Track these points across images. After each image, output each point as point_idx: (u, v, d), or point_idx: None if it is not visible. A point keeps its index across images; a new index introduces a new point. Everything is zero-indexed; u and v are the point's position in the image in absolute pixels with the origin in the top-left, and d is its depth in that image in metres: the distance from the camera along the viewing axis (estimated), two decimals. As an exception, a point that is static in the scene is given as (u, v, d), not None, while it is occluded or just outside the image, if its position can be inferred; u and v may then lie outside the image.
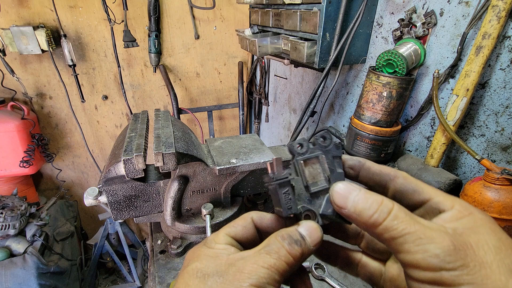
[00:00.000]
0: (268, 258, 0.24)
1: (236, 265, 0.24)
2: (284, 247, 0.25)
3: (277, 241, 0.25)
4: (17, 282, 1.39)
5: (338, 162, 0.30)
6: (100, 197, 0.75)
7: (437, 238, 0.20)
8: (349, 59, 1.18)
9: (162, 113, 0.93)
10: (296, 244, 0.26)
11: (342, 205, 0.25)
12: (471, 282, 0.19)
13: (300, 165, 0.29)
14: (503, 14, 0.72)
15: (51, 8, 1.73)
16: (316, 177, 0.29)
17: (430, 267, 0.20)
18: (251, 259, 0.24)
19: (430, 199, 0.25)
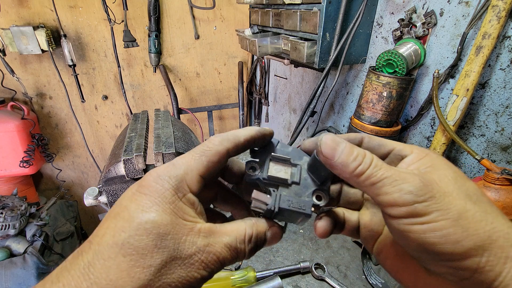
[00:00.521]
0: (227, 254, 0.25)
1: (198, 247, 0.24)
2: (245, 250, 0.27)
3: (245, 243, 0.27)
4: (17, 282, 1.39)
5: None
6: (100, 197, 0.75)
7: (409, 178, 0.23)
8: (349, 59, 1.18)
9: (162, 113, 0.93)
10: (255, 249, 0.28)
11: (330, 156, 0.26)
12: (439, 209, 0.22)
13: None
14: (503, 14, 0.72)
15: (51, 8, 1.73)
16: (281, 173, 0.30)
17: (405, 203, 0.23)
18: (213, 249, 0.24)
19: (393, 149, 0.28)
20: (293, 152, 0.32)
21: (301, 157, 0.31)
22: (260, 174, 0.29)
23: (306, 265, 0.74)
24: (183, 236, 0.23)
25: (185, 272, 0.22)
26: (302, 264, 0.74)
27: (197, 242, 0.23)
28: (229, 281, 0.72)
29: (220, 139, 0.27)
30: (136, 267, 0.20)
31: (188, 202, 0.25)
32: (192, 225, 0.24)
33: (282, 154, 0.31)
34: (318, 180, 0.30)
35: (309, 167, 0.31)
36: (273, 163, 0.30)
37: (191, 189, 0.25)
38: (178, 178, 0.24)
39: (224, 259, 0.25)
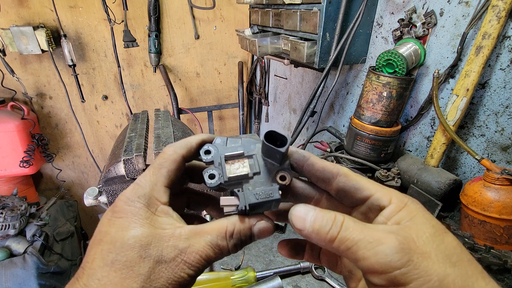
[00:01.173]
0: (210, 252, 0.26)
1: (181, 249, 0.25)
2: (228, 247, 0.27)
3: (227, 239, 0.27)
4: (17, 282, 1.38)
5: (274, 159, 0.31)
6: (100, 197, 0.75)
7: (384, 238, 0.22)
8: (349, 59, 1.18)
9: (162, 113, 0.93)
10: (241, 244, 0.28)
11: (302, 227, 0.26)
12: (418, 276, 0.21)
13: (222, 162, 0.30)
14: (503, 14, 0.72)
15: (51, 8, 1.73)
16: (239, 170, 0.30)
17: (383, 269, 0.21)
18: (195, 248, 0.25)
19: (370, 196, 0.27)
20: (244, 144, 0.31)
21: (254, 145, 0.31)
22: (221, 178, 0.29)
23: (306, 265, 0.74)
24: (165, 242, 0.25)
25: (172, 274, 0.24)
26: (302, 264, 0.74)
27: (178, 245, 0.25)
28: (229, 281, 0.72)
29: (173, 148, 0.29)
30: (127, 279, 0.23)
31: (163, 213, 0.27)
32: (171, 232, 0.25)
33: (233, 150, 0.30)
34: (276, 162, 0.30)
35: (264, 153, 0.30)
36: (229, 163, 0.30)
37: (161, 201, 0.27)
38: (146, 195, 0.26)
39: (207, 257, 0.26)
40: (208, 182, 0.29)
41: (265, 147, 0.29)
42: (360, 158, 1.04)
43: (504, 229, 0.71)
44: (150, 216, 0.26)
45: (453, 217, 0.89)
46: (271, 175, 0.30)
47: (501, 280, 0.67)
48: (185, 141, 0.30)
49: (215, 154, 0.30)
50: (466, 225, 0.78)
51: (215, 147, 0.30)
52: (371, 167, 1.01)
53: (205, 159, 0.30)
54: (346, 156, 1.08)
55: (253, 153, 0.31)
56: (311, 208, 0.26)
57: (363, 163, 1.03)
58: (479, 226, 0.75)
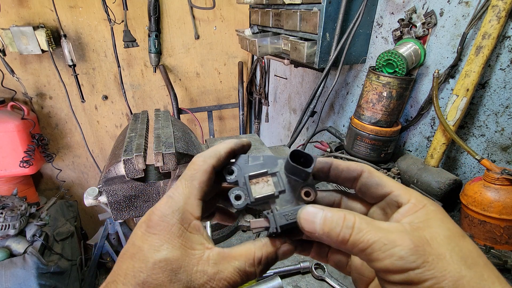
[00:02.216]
0: (237, 278, 0.26)
1: (209, 275, 0.25)
2: (256, 273, 0.27)
3: (255, 266, 0.27)
4: (17, 282, 1.39)
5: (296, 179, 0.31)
6: (100, 197, 0.75)
7: (399, 240, 0.22)
8: (349, 59, 1.18)
9: (162, 113, 0.93)
10: (267, 268, 0.28)
11: (312, 230, 0.26)
12: (433, 276, 0.21)
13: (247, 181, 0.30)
14: (503, 14, 0.72)
15: (51, 8, 1.73)
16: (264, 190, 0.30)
17: (398, 270, 0.22)
18: (223, 275, 0.25)
19: (391, 192, 0.27)
20: (266, 161, 0.31)
21: (276, 162, 0.31)
22: (247, 199, 0.29)
23: (306, 265, 0.74)
24: (194, 267, 0.25)
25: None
26: (302, 264, 0.74)
27: (207, 271, 0.25)
28: (229, 281, 0.72)
29: (203, 158, 0.29)
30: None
31: (194, 230, 0.27)
32: (200, 254, 0.26)
33: (256, 168, 0.31)
34: (300, 179, 0.30)
35: (287, 170, 0.31)
36: (253, 182, 0.30)
37: (194, 215, 0.27)
38: (180, 210, 0.26)
39: (234, 283, 0.26)
40: (235, 203, 0.29)
41: (290, 166, 0.29)
42: (360, 158, 1.04)
43: (504, 229, 0.71)
44: (183, 233, 0.26)
45: (453, 217, 0.89)
46: (296, 192, 0.30)
47: (501, 280, 0.67)
48: (214, 150, 0.30)
49: (238, 174, 0.30)
50: (466, 225, 0.78)
51: (238, 166, 0.31)
52: (371, 167, 1.01)
53: (229, 179, 0.30)
54: (346, 156, 1.08)
55: (276, 170, 0.31)
56: (319, 209, 0.26)
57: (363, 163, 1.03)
58: (479, 226, 0.75)
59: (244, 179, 0.30)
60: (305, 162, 0.29)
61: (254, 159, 0.31)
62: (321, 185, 1.01)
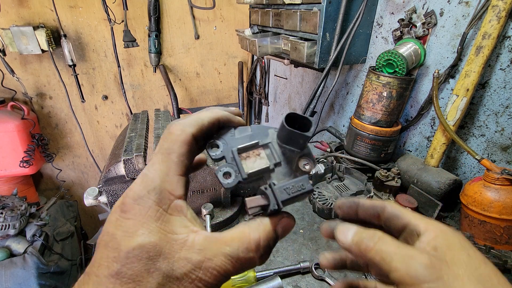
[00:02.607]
0: (229, 266, 0.23)
1: (194, 262, 0.22)
2: (253, 260, 0.24)
3: (251, 251, 0.24)
4: (17, 282, 1.38)
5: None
6: (100, 197, 0.75)
7: (417, 255, 0.24)
8: (349, 59, 1.18)
9: (162, 113, 0.93)
10: (268, 252, 0.26)
11: (344, 240, 0.28)
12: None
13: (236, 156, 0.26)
14: (503, 14, 0.72)
15: (51, 8, 1.73)
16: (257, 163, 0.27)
17: (413, 281, 0.23)
18: (211, 263, 0.22)
19: (409, 223, 0.28)
20: (255, 131, 0.28)
21: (266, 132, 0.28)
22: (238, 176, 0.25)
23: (306, 265, 0.74)
24: (176, 253, 0.21)
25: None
26: (302, 264, 0.74)
27: (192, 258, 0.22)
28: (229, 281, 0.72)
29: (181, 127, 0.25)
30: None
31: (176, 211, 0.23)
32: (184, 238, 0.22)
33: (244, 140, 0.27)
34: (296, 148, 0.27)
35: (282, 139, 0.27)
36: (243, 156, 0.26)
37: (174, 194, 0.23)
38: (157, 190, 0.23)
39: (226, 272, 0.22)
40: (225, 182, 0.25)
41: (285, 133, 0.26)
42: (360, 158, 1.04)
43: (504, 229, 0.71)
44: (161, 216, 0.22)
45: (453, 217, 0.89)
46: (293, 164, 0.27)
47: (501, 280, 0.67)
48: (195, 118, 0.26)
49: (224, 148, 0.26)
50: (466, 225, 0.78)
51: (223, 140, 0.27)
52: (371, 167, 1.01)
53: (214, 156, 0.26)
54: (346, 156, 1.08)
55: (268, 141, 0.27)
56: (353, 226, 0.29)
57: (363, 163, 1.03)
58: (479, 226, 0.75)
59: (232, 153, 0.26)
60: (300, 127, 0.26)
61: (241, 131, 0.27)
62: (321, 185, 1.01)
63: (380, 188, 0.93)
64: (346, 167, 1.03)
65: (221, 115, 0.27)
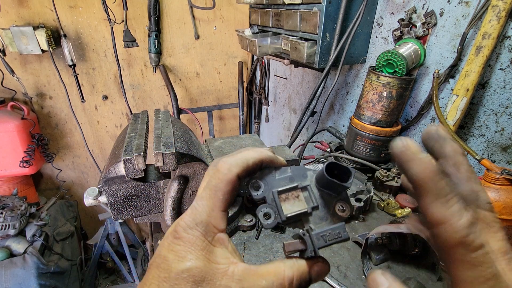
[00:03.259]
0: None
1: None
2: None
3: (281, 286, 0.25)
4: (17, 282, 1.39)
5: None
6: (100, 197, 0.75)
7: None
8: (349, 59, 1.18)
9: (162, 113, 0.93)
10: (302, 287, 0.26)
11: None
12: None
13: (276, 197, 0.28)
14: (503, 14, 0.72)
15: (51, 8, 1.73)
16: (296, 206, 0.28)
17: None
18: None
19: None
20: (294, 173, 0.29)
21: (305, 174, 0.29)
22: (278, 218, 0.27)
23: (306, 265, 0.74)
24: (217, 281, 0.24)
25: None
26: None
27: (231, 287, 0.24)
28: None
29: (228, 166, 0.27)
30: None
31: (218, 243, 0.26)
32: (225, 268, 0.24)
33: (284, 182, 0.28)
34: (334, 192, 0.28)
35: (320, 184, 0.28)
36: (283, 197, 0.28)
37: (218, 228, 0.26)
38: (204, 223, 0.25)
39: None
40: (265, 223, 0.27)
41: (325, 181, 0.27)
42: (360, 158, 1.04)
43: (504, 229, 0.71)
44: (206, 246, 0.25)
45: (453, 217, 0.88)
46: (330, 207, 0.28)
47: (501, 280, 0.67)
48: (241, 158, 0.28)
49: (265, 189, 0.28)
50: (466, 225, 0.78)
51: (264, 180, 0.28)
52: (371, 167, 1.01)
53: (255, 196, 0.28)
54: (346, 156, 1.08)
55: (306, 184, 0.29)
56: (386, 281, 0.24)
57: (363, 163, 1.03)
58: (479, 226, 0.75)
59: (272, 194, 0.27)
60: (339, 174, 0.27)
61: (282, 172, 0.29)
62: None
63: (380, 188, 0.93)
64: (346, 167, 1.03)
65: (265, 156, 0.29)
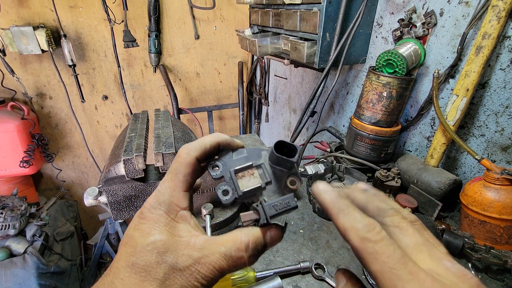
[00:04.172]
0: (224, 264, 0.27)
1: (194, 258, 0.26)
2: (243, 259, 0.28)
3: (241, 251, 0.27)
4: (17, 282, 1.39)
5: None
6: (100, 197, 0.75)
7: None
8: (349, 59, 1.18)
9: (162, 113, 0.93)
10: (256, 255, 0.28)
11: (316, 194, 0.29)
12: None
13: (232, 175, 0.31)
14: (503, 14, 0.72)
15: (51, 8, 1.73)
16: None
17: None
18: (209, 259, 0.26)
19: None
20: (250, 153, 0.32)
21: (260, 154, 0.32)
22: (235, 194, 0.30)
23: (306, 265, 0.74)
24: (180, 251, 0.26)
25: (186, 282, 0.25)
26: (302, 264, 0.74)
27: (193, 255, 0.26)
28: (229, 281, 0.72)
29: (187, 150, 0.30)
30: (144, 281, 0.25)
31: (181, 219, 0.29)
32: (187, 240, 0.27)
33: (241, 161, 0.31)
34: (285, 168, 0.31)
35: (272, 161, 0.31)
36: (239, 176, 0.31)
37: (180, 206, 0.29)
38: (166, 203, 0.28)
39: (221, 268, 0.26)
40: (223, 199, 0.29)
41: (275, 157, 0.30)
42: (360, 158, 1.04)
43: (504, 229, 0.71)
44: (169, 222, 0.28)
45: (453, 217, 0.89)
46: (282, 182, 0.31)
47: (501, 280, 0.67)
48: (199, 143, 0.31)
49: (223, 169, 0.31)
50: (466, 225, 0.78)
51: (222, 161, 0.31)
52: (371, 167, 1.01)
53: (214, 175, 0.30)
54: (346, 156, 1.08)
55: (261, 162, 0.31)
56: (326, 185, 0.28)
57: (363, 163, 1.03)
58: (479, 226, 0.75)
59: (229, 173, 0.30)
60: (288, 152, 0.30)
61: (238, 153, 0.32)
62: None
63: (380, 188, 0.93)
64: (346, 167, 1.03)
65: (222, 140, 0.32)
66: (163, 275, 0.25)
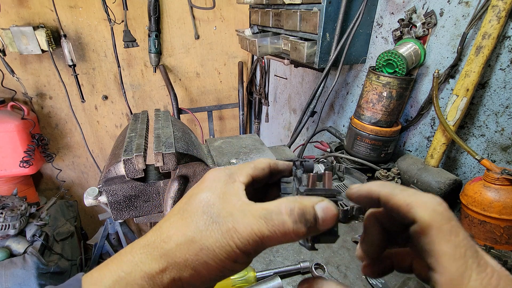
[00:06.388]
0: (263, 227, 0.25)
1: (234, 217, 0.27)
2: (287, 224, 0.25)
3: (283, 214, 0.26)
4: (17, 282, 1.39)
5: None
6: (100, 197, 0.75)
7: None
8: (349, 59, 1.18)
9: (162, 113, 0.93)
10: (304, 224, 0.26)
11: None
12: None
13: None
14: (503, 14, 0.72)
15: (51, 8, 1.73)
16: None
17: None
18: (248, 220, 0.26)
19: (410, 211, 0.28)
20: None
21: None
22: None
23: (306, 265, 0.74)
24: (225, 209, 0.27)
25: (221, 237, 0.26)
26: (302, 264, 0.74)
27: (233, 213, 0.27)
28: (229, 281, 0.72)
29: (268, 159, 0.35)
30: (186, 226, 0.27)
31: (236, 187, 0.30)
32: (234, 201, 0.28)
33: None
34: None
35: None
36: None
37: (239, 179, 0.31)
38: (231, 171, 0.32)
39: (260, 232, 0.25)
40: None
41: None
42: (360, 158, 1.04)
43: (504, 229, 0.71)
44: (226, 183, 0.30)
45: (453, 217, 0.88)
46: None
47: (501, 280, 0.67)
48: (275, 161, 0.36)
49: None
50: (466, 225, 0.78)
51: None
52: (371, 167, 1.01)
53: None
54: (346, 156, 1.08)
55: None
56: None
57: (363, 163, 1.03)
58: (479, 226, 0.75)
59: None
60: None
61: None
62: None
63: (380, 188, 0.92)
64: (346, 167, 1.03)
65: (288, 167, 0.37)
66: (204, 224, 0.27)
